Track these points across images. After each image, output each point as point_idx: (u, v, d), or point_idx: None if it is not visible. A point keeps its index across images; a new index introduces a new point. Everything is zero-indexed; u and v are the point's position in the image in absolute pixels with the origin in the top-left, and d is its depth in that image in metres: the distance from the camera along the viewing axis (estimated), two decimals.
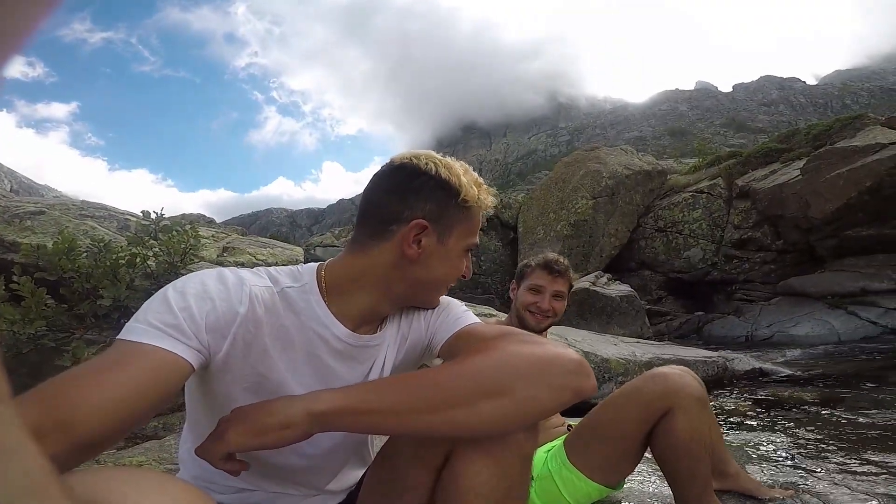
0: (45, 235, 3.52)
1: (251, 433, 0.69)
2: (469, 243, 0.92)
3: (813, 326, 8.24)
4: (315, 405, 0.71)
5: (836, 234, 8.96)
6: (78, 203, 4.83)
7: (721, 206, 11.43)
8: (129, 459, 1.88)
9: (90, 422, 0.56)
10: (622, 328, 7.18)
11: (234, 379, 0.79)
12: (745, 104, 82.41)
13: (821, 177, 8.77)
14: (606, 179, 12.06)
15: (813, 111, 71.44)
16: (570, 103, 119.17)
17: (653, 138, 73.48)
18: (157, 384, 0.64)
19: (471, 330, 0.92)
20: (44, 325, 2.36)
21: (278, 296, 0.84)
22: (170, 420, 2.50)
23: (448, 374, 0.75)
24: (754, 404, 3.65)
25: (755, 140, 45.18)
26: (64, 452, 0.54)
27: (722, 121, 75.63)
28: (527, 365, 0.74)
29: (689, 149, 37.97)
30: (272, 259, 5.00)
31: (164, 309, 0.71)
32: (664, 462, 1.41)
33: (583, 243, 11.56)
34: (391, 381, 0.79)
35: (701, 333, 9.62)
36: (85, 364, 0.63)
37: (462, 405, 0.71)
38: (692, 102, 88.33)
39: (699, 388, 1.41)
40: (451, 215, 0.88)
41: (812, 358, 6.13)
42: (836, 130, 11.01)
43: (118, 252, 2.83)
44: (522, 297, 1.90)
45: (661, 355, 4.62)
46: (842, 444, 2.47)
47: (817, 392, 3.94)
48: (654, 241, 11.89)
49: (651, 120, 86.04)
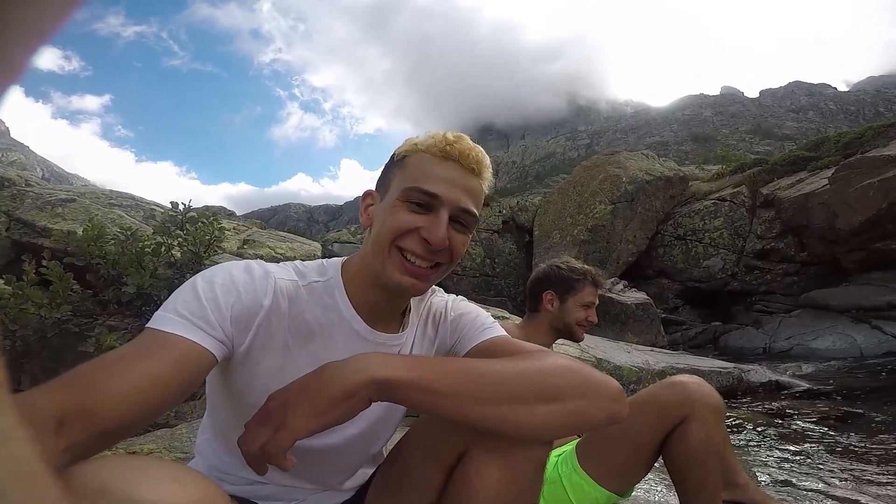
0: (76, 222, 3.63)
1: (317, 413, 0.65)
2: (403, 189, 0.81)
3: (834, 340, 8.06)
4: (380, 371, 0.68)
5: (863, 247, 8.73)
6: (107, 192, 4.96)
7: (744, 214, 11.22)
8: (139, 447, 1.90)
9: (115, 410, 0.57)
10: (637, 336, 7.11)
11: (254, 372, 0.80)
12: (772, 110, 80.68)
13: (850, 187, 8.54)
14: (626, 185, 11.94)
15: (844, 118, 69.61)
16: (590, 106, 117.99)
17: (675, 143, 72.41)
18: (182, 374, 0.65)
19: (504, 342, 0.91)
20: (69, 310, 2.43)
21: (304, 290, 0.84)
22: (182, 409, 2.54)
23: (512, 371, 0.74)
24: (768, 416, 3.59)
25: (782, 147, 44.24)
26: (88, 439, 0.54)
27: (747, 127, 74.13)
28: (580, 380, 0.75)
29: (712, 155, 37.29)
30: (291, 253, 5.08)
31: (193, 298, 0.72)
32: (675, 471, 1.40)
33: (599, 249, 11.46)
34: (455, 364, 0.75)
35: (717, 344, 9.48)
36: (113, 352, 0.64)
37: (521, 403, 0.72)
38: (717, 108, 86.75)
39: (717, 398, 1.40)
40: (389, 172, 0.88)
41: (832, 372, 6.00)
42: (868, 139, 10.71)
43: (144, 241, 2.90)
44: (576, 314, 1.92)
45: (675, 364, 4.57)
46: (854, 461, 2.43)
47: (835, 407, 3.86)
48: (673, 248, 11.73)
49: (673, 125, 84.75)
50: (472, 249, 13.20)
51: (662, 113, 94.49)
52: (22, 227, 3.82)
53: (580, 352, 4.17)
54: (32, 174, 6.13)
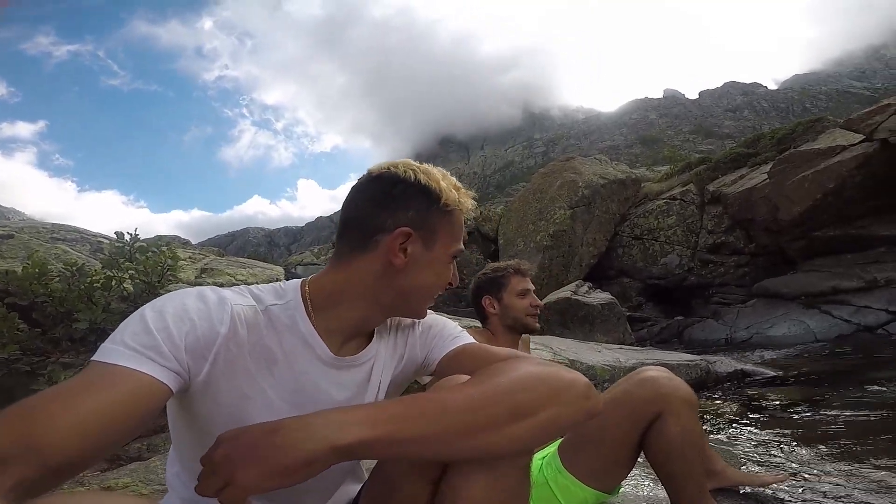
0: (15, 260, 3.41)
1: (270, 476, 0.61)
2: (455, 249, 0.92)
3: (789, 327, 8.44)
4: (340, 438, 0.65)
5: (804, 236, 9.22)
6: (48, 226, 4.69)
7: (694, 211, 11.70)
8: (114, 481, 1.83)
9: (61, 445, 0.54)
10: (605, 335, 7.25)
11: (217, 401, 0.77)
12: (711, 110, 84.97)
13: (787, 180, 9.02)
14: (583, 189, 12.25)
15: (776, 115, 73.89)
16: (544, 114, 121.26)
17: (625, 147, 75.15)
18: (133, 408, 0.62)
19: (474, 349, 0.92)
20: (16, 349, 2.28)
21: (262, 314, 0.82)
22: (154, 441, 2.45)
23: (478, 397, 0.72)
24: (739, 406, 3.71)
25: (722, 146, 46.52)
26: (35, 476, 0.52)
27: (690, 128, 77.77)
28: (547, 387, 0.74)
29: (660, 156, 38.89)
30: (252, 279, 4.93)
31: (141, 329, 0.68)
32: (658, 466, 1.42)
33: (563, 253, 11.68)
34: (416, 406, 0.71)
35: (682, 338, 9.77)
36: (56, 387, 0.60)
37: (490, 429, 0.70)
38: (661, 110, 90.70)
39: (688, 390, 1.42)
40: (434, 221, 0.88)
41: (791, 358, 6.27)
42: (798, 134, 11.37)
43: (92, 276, 2.75)
44: (517, 305, 1.96)
45: (644, 360, 4.67)
46: (827, 442, 2.53)
47: (799, 391, 4.03)
48: (631, 248, 12.08)
49: (623, 129, 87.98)
50: None
51: (612, 118, 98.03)
52: None
53: (553, 354, 4.21)
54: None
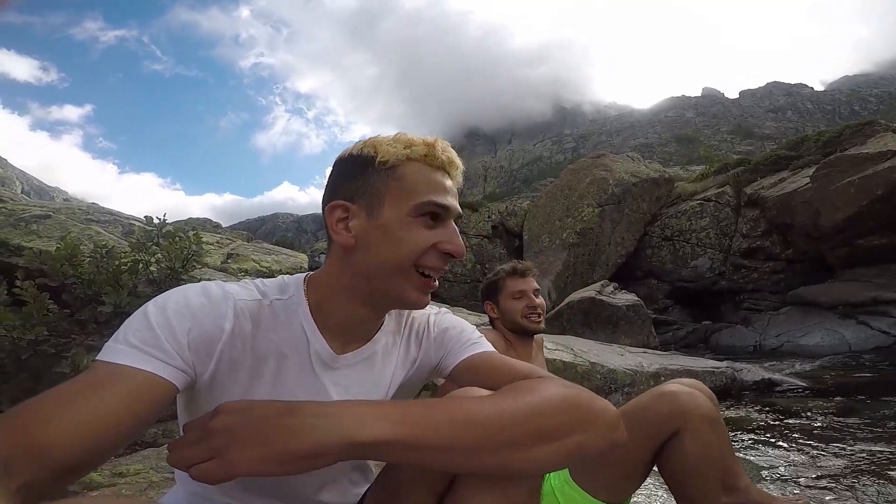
0: (51, 240, 3.53)
1: (268, 459, 0.57)
2: (414, 204, 0.77)
3: (823, 336, 8.13)
4: (359, 434, 0.60)
5: (847, 243, 8.85)
6: (84, 207, 4.85)
7: (729, 214, 11.35)
8: (126, 467, 1.87)
9: (66, 447, 0.54)
10: (628, 337, 7.11)
11: (221, 398, 0.75)
12: (751, 110, 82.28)
13: (831, 185, 8.67)
14: (613, 187, 12.02)
15: (821, 117, 71.19)
16: (575, 109, 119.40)
17: (659, 145, 73.40)
18: (136, 407, 0.61)
19: (492, 359, 0.86)
20: (44, 330, 2.34)
21: (267, 309, 0.80)
22: (169, 427, 2.49)
23: (506, 414, 0.67)
24: (764, 416, 3.58)
25: (762, 147, 44.98)
26: (41, 479, 0.52)
27: (729, 127, 75.47)
28: (578, 413, 0.70)
29: (695, 156, 37.82)
30: (276, 266, 5.00)
31: (144, 327, 0.67)
32: (672, 483, 1.36)
33: (589, 251, 11.50)
34: (443, 412, 0.66)
35: (708, 343, 9.53)
36: (59, 387, 0.60)
37: (517, 448, 0.66)
38: (699, 109, 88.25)
39: (710, 407, 1.35)
40: (373, 183, 0.78)
41: (823, 368, 6.03)
42: (846, 137, 10.92)
43: (120, 258, 2.82)
44: (511, 307, 1.94)
45: (668, 366, 4.56)
46: (854, 459, 2.41)
47: (829, 404, 3.86)
48: (661, 249, 11.82)
49: (657, 126, 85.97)
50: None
51: (646, 115, 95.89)
52: None
53: (573, 356, 4.13)
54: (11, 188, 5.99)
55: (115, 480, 1.77)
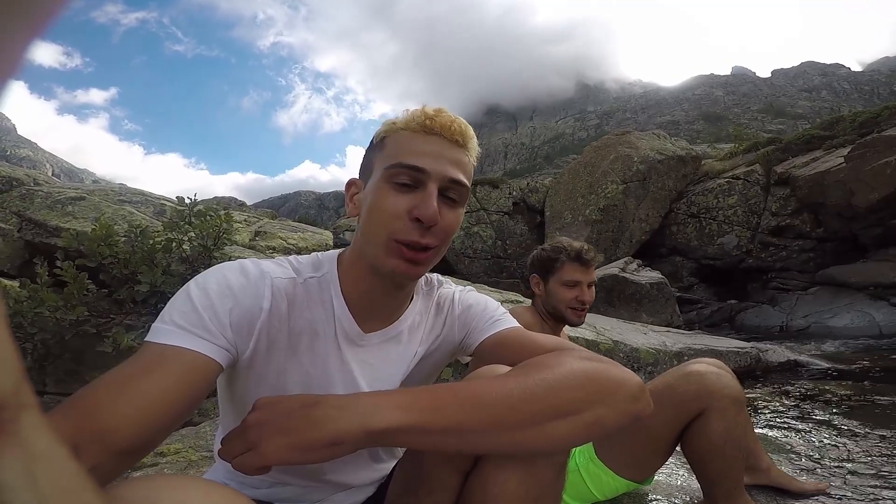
0: (86, 220, 3.64)
1: (294, 448, 0.60)
2: (385, 168, 0.76)
3: (853, 318, 7.92)
4: (373, 422, 0.62)
5: (881, 223, 8.60)
6: (116, 188, 4.98)
7: (758, 192, 11.03)
8: (166, 447, 1.91)
9: (127, 430, 0.56)
10: (651, 316, 7.05)
11: (258, 377, 0.78)
12: (784, 90, 79.06)
13: (867, 165, 8.42)
14: (638, 164, 11.77)
15: (858, 98, 68.03)
16: (599, 86, 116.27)
17: (686, 123, 71.27)
18: (189, 386, 0.64)
19: (517, 335, 0.86)
20: (85, 310, 2.43)
21: (301, 286, 0.81)
22: (205, 406, 2.55)
23: (520, 391, 0.67)
24: (788, 398, 3.54)
25: (794, 126, 43.24)
26: (104, 463, 0.54)
27: (759, 107, 72.71)
28: (594, 386, 0.69)
29: (723, 134, 36.64)
30: (303, 243, 5.08)
31: (188, 307, 0.69)
32: (696, 462, 1.38)
33: (612, 228, 11.35)
34: (454, 395, 0.67)
35: (733, 322, 9.38)
36: (115, 370, 0.62)
37: (530, 425, 0.66)
38: (728, 87, 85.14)
39: (736, 387, 1.36)
40: (370, 158, 0.82)
41: (851, 351, 5.89)
42: (884, 118, 10.45)
43: (154, 237, 2.90)
44: (560, 294, 1.78)
45: (692, 345, 4.52)
46: (879, 443, 2.38)
47: (856, 387, 3.79)
48: (686, 226, 11.59)
49: (684, 104, 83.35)
50: (484, 232, 13.19)
51: (673, 93, 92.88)
52: (34, 228, 3.83)
53: (596, 334, 4.13)
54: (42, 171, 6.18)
55: (157, 460, 1.79)
